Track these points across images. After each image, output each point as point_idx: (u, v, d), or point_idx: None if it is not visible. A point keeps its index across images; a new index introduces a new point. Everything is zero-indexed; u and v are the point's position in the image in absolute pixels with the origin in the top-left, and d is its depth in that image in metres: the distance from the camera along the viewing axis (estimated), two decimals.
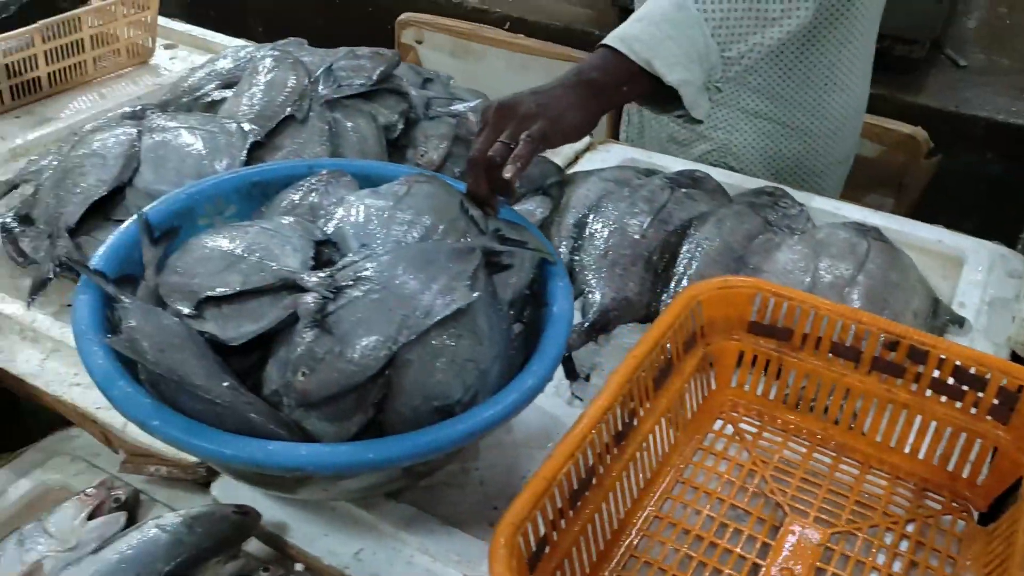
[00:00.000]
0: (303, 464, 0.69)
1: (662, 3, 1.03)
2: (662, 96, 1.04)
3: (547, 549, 0.71)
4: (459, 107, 1.41)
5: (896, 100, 1.94)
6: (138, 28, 1.66)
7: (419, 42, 2.42)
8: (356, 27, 2.78)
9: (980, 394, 0.83)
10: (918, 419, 0.87)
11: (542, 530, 0.70)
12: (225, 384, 0.73)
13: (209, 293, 0.81)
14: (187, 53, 1.76)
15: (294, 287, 0.80)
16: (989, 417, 0.84)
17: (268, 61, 1.27)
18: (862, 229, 1.16)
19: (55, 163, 1.18)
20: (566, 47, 2.20)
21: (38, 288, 1.04)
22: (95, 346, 0.75)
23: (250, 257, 0.84)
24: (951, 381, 0.85)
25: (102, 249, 0.87)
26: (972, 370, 0.83)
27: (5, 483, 0.94)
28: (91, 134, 1.17)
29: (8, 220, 1.13)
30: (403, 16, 2.43)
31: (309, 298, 0.76)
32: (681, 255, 1.10)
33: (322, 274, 0.80)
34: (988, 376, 0.83)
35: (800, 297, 0.91)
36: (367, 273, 0.77)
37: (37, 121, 1.50)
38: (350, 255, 0.83)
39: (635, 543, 0.81)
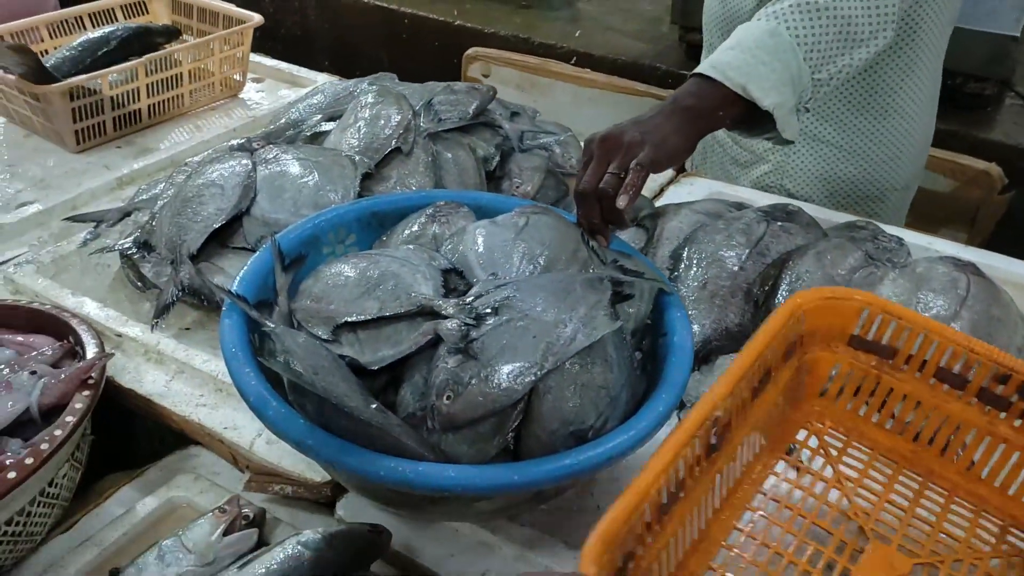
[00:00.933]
0: (451, 485, 0.71)
1: (754, 31, 1.07)
2: (753, 119, 1.07)
3: (631, 564, 0.69)
4: (548, 140, 1.45)
5: (968, 136, 1.95)
6: (230, 63, 1.72)
7: (486, 76, 2.48)
8: (424, 61, 2.85)
9: None
10: (1016, 456, 0.86)
11: (629, 544, 0.68)
12: (373, 406, 0.75)
13: (348, 319, 0.84)
14: (274, 86, 1.82)
15: (431, 313, 0.83)
16: None
17: (371, 96, 1.31)
18: (959, 264, 1.17)
19: (169, 192, 1.23)
20: (632, 81, 2.24)
21: (162, 312, 1.08)
22: (247, 367, 0.78)
23: (385, 284, 0.87)
24: None
25: (240, 276, 0.91)
26: None
27: (132, 500, 0.97)
28: (206, 165, 1.22)
29: (128, 245, 1.17)
30: (471, 50, 2.49)
31: (452, 324, 0.79)
32: (781, 287, 1.11)
33: (460, 301, 0.83)
34: None
35: (911, 317, 0.90)
36: (508, 302, 0.80)
37: (138, 151, 1.56)
38: (481, 283, 0.86)
39: (714, 556, 0.79)
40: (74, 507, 0.95)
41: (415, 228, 1.01)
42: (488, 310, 0.80)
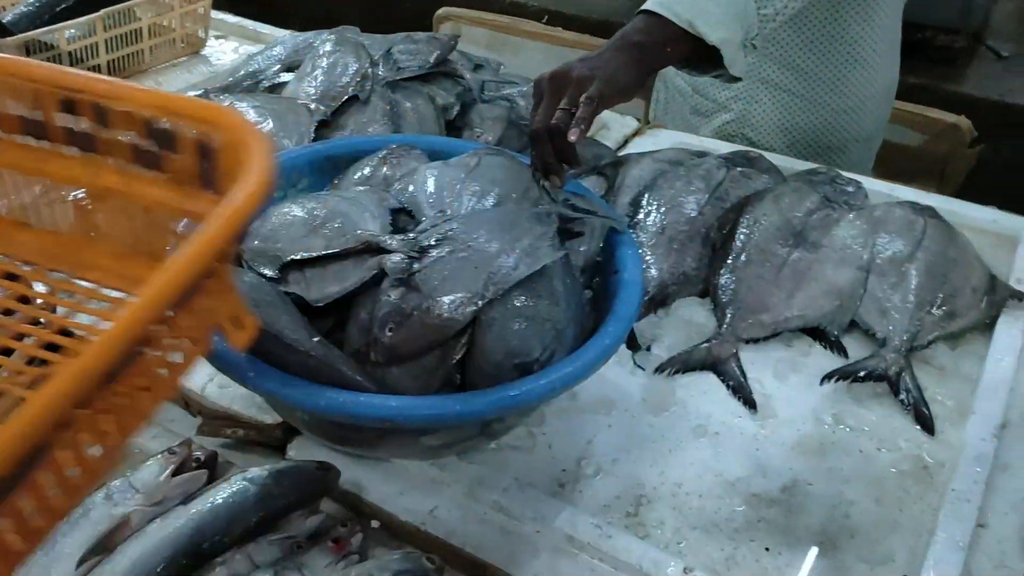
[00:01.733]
0: (393, 415, 0.71)
1: None
2: (701, 57, 1.06)
3: None
4: (511, 91, 1.43)
5: (939, 90, 1.95)
6: (191, 19, 1.69)
7: (457, 36, 2.45)
8: (394, 22, 2.80)
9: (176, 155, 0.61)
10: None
11: None
12: (316, 339, 0.75)
13: (293, 257, 0.83)
14: (237, 44, 1.80)
15: (377, 249, 0.82)
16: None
17: (329, 45, 1.30)
18: (917, 208, 1.17)
19: None
20: (604, 39, 2.22)
21: None
22: None
23: (332, 223, 0.86)
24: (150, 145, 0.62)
25: None
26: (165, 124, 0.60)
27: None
28: None
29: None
30: (441, 11, 2.46)
31: (396, 257, 0.78)
32: (739, 231, 1.11)
33: (405, 236, 0.82)
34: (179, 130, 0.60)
35: None
36: (451, 234, 0.80)
37: None
38: (429, 219, 0.86)
39: None
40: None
41: (366, 170, 1.00)
42: (431, 243, 0.79)
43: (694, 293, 1.11)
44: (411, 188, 0.94)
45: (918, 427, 0.95)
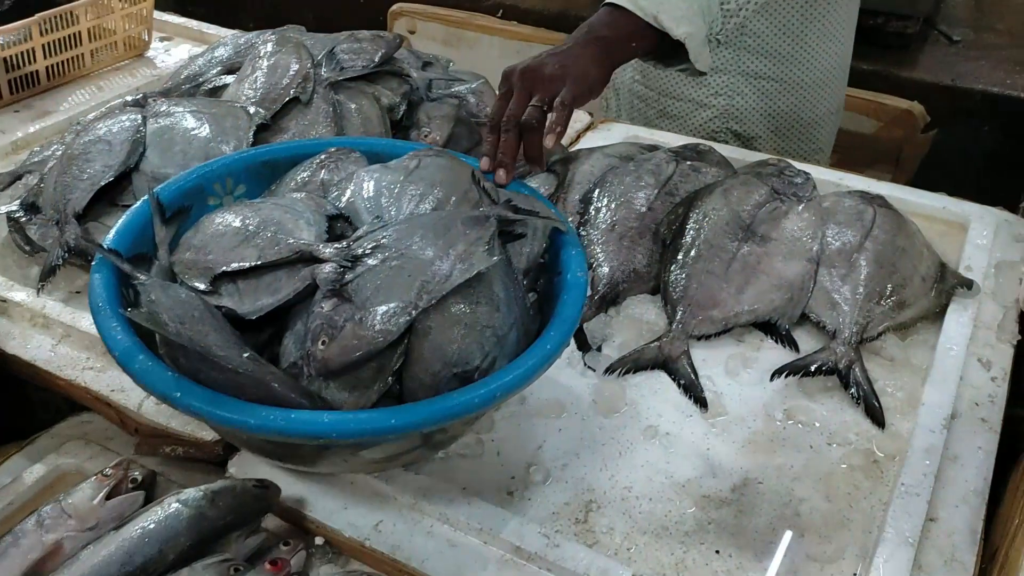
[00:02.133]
0: (326, 431, 0.69)
1: None
2: (666, 51, 1.07)
3: None
4: (460, 88, 1.41)
5: (891, 76, 1.95)
6: (134, 21, 1.65)
7: (411, 32, 2.42)
8: (348, 19, 2.76)
9: None
10: None
11: None
12: (246, 355, 0.72)
13: (224, 268, 0.81)
14: (182, 46, 1.76)
15: (310, 259, 0.80)
16: None
17: (270, 46, 1.27)
18: (867, 197, 1.16)
19: (59, 152, 1.18)
20: (559, 32, 2.20)
21: (48, 275, 1.04)
22: (113, 321, 0.75)
23: (264, 232, 0.84)
24: None
25: (115, 229, 0.87)
26: None
27: (19, 469, 0.93)
28: (95, 122, 1.17)
29: (14, 210, 1.12)
30: (395, 6, 2.43)
31: (327, 267, 0.76)
32: (688, 226, 1.10)
33: (338, 245, 0.80)
34: None
35: None
36: (384, 242, 0.77)
37: (36, 114, 1.49)
38: (365, 226, 0.83)
39: None
40: None
41: (304, 175, 0.98)
42: (364, 252, 0.77)
43: (646, 290, 1.10)
44: (348, 193, 0.92)
45: (868, 420, 0.94)
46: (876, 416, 0.94)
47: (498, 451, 0.91)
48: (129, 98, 1.28)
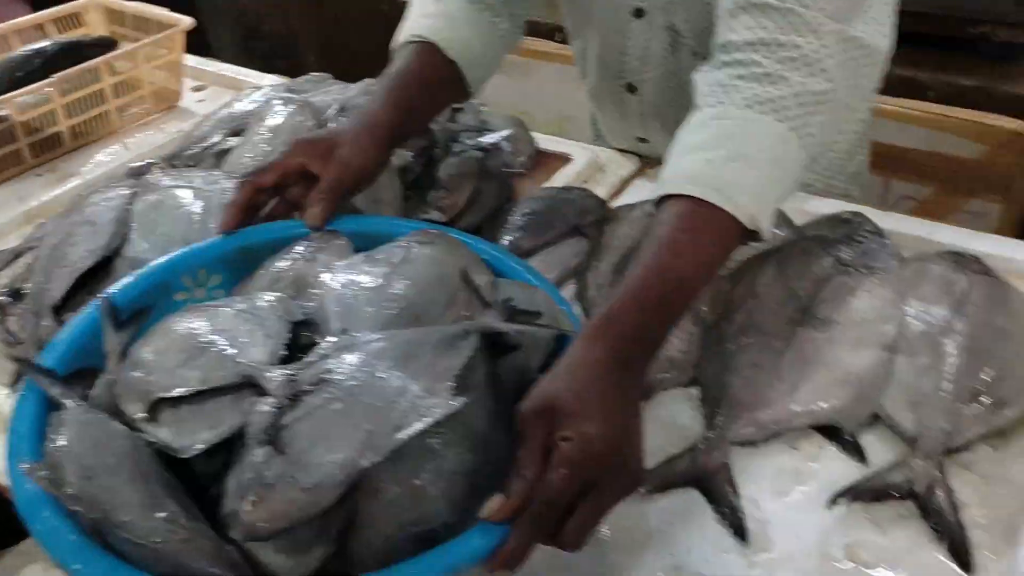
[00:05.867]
0: None
1: (761, 140, 0.83)
2: None
3: None
4: (490, 139, 1.29)
5: (997, 92, 1.71)
6: (163, 71, 1.59)
7: None
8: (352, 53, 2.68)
9: None
10: None
11: None
12: (162, 515, 0.61)
13: (162, 394, 0.70)
14: (217, 93, 1.69)
15: (257, 386, 0.69)
16: None
17: (276, 104, 1.17)
18: (960, 261, 0.97)
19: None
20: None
21: (22, 374, 0.96)
22: (25, 463, 0.65)
23: (212, 348, 0.73)
24: None
25: (59, 336, 0.79)
26: None
27: None
28: (89, 197, 1.09)
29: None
30: None
31: (263, 408, 0.64)
32: (734, 305, 0.93)
33: (288, 370, 0.68)
34: None
35: None
36: (334, 375, 0.65)
37: (59, 178, 1.44)
38: (323, 344, 0.71)
39: None
40: None
41: (282, 266, 0.87)
42: (310, 388, 0.65)
43: (682, 382, 0.94)
44: (321, 293, 0.80)
45: (954, 561, 0.75)
46: (962, 556, 0.75)
47: None
48: (132, 165, 1.20)
